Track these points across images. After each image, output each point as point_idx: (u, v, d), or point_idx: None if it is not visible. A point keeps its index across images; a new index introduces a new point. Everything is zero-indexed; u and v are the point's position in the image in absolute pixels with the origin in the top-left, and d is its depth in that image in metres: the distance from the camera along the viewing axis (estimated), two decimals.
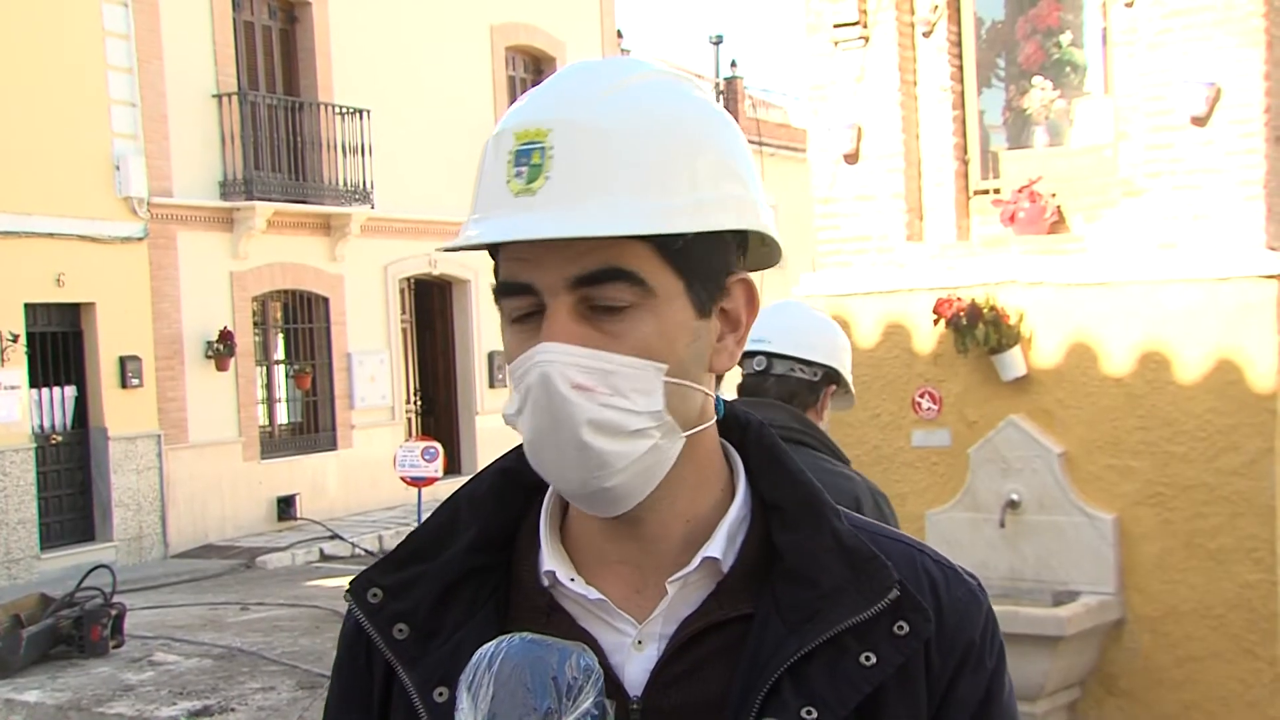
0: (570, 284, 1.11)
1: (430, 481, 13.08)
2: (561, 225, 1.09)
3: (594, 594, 1.19)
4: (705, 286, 1.17)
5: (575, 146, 1.11)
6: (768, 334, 3.23)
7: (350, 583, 1.27)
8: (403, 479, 13.24)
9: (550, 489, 1.26)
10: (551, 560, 1.22)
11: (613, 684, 1.16)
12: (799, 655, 1.15)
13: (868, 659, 1.17)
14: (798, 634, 1.16)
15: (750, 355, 3.25)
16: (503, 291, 1.15)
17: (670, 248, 1.13)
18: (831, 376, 3.24)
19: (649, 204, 1.11)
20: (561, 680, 1.08)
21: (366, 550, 15.61)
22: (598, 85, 1.15)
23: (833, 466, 3.12)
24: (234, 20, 16.63)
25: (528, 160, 1.12)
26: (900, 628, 1.18)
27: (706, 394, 1.20)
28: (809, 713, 1.14)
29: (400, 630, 1.22)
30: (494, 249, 1.17)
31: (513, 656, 1.09)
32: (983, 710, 1.24)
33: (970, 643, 1.23)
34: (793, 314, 3.34)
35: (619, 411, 1.11)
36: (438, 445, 13.23)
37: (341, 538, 15.99)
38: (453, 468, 17.69)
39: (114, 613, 9.98)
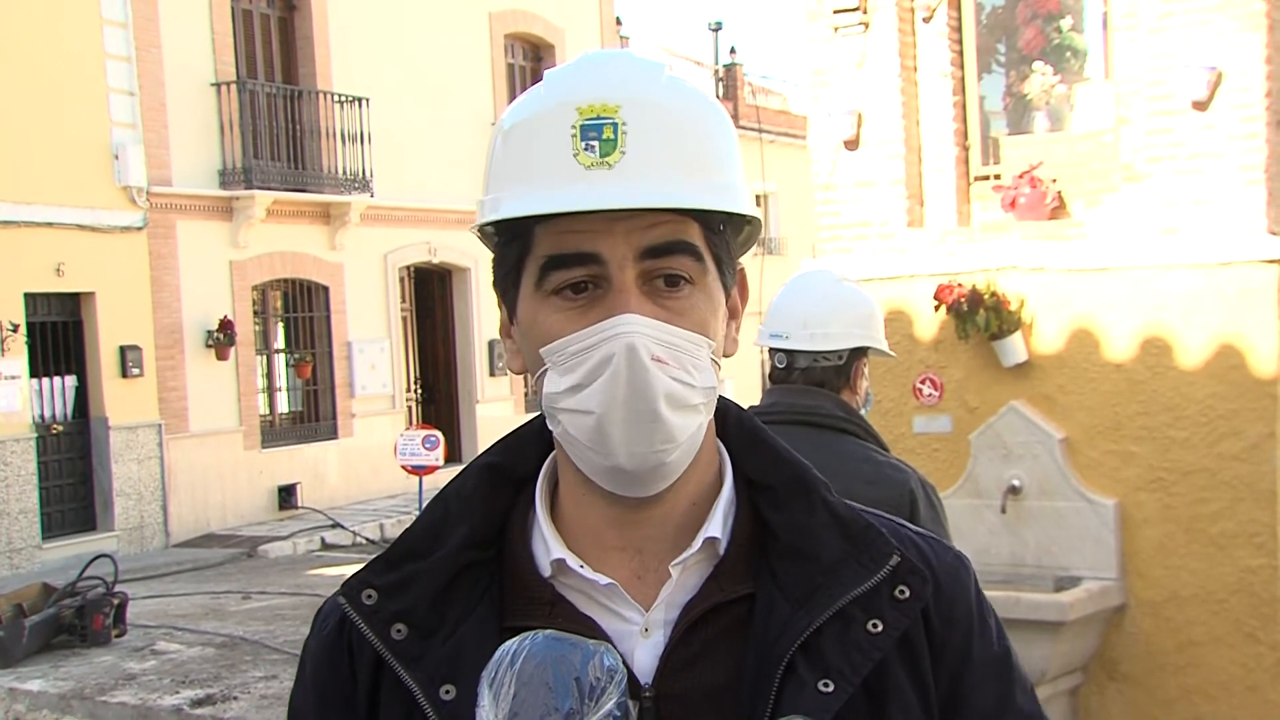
0: (640, 255, 1.13)
1: (431, 470, 13.09)
2: (649, 196, 1.12)
3: (604, 579, 1.19)
4: (728, 271, 1.21)
5: (647, 123, 1.14)
6: (784, 328, 3.17)
7: (343, 585, 1.26)
8: (403, 467, 13.25)
9: (540, 480, 1.27)
10: (557, 548, 1.22)
11: None
12: (810, 631, 1.16)
13: (874, 626, 1.19)
14: (805, 610, 1.18)
15: (771, 351, 3.21)
16: (559, 263, 1.15)
17: (715, 229, 1.17)
18: (858, 351, 3.20)
19: (715, 183, 1.16)
20: (584, 680, 1.07)
21: (368, 539, 15.63)
22: (649, 70, 1.18)
23: (882, 457, 3.10)
24: (232, 8, 16.60)
25: (598, 135, 1.13)
26: (901, 592, 1.20)
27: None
28: (825, 685, 1.15)
29: (399, 630, 1.22)
30: (529, 224, 1.16)
31: (535, 655, 1.09)
32: (1003, 667, 1.28)
33: (968, 606, 1.26)
34: (806, 301, 3.22)
35: (684, 386, 1.14)
36: (438, 434, 13.23)
37: (343, 526, 16.02)
38: (453, 456, 17.69)
39: (116, 602, 10.00)
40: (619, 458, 1.14)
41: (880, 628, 1.18)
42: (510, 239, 1.19)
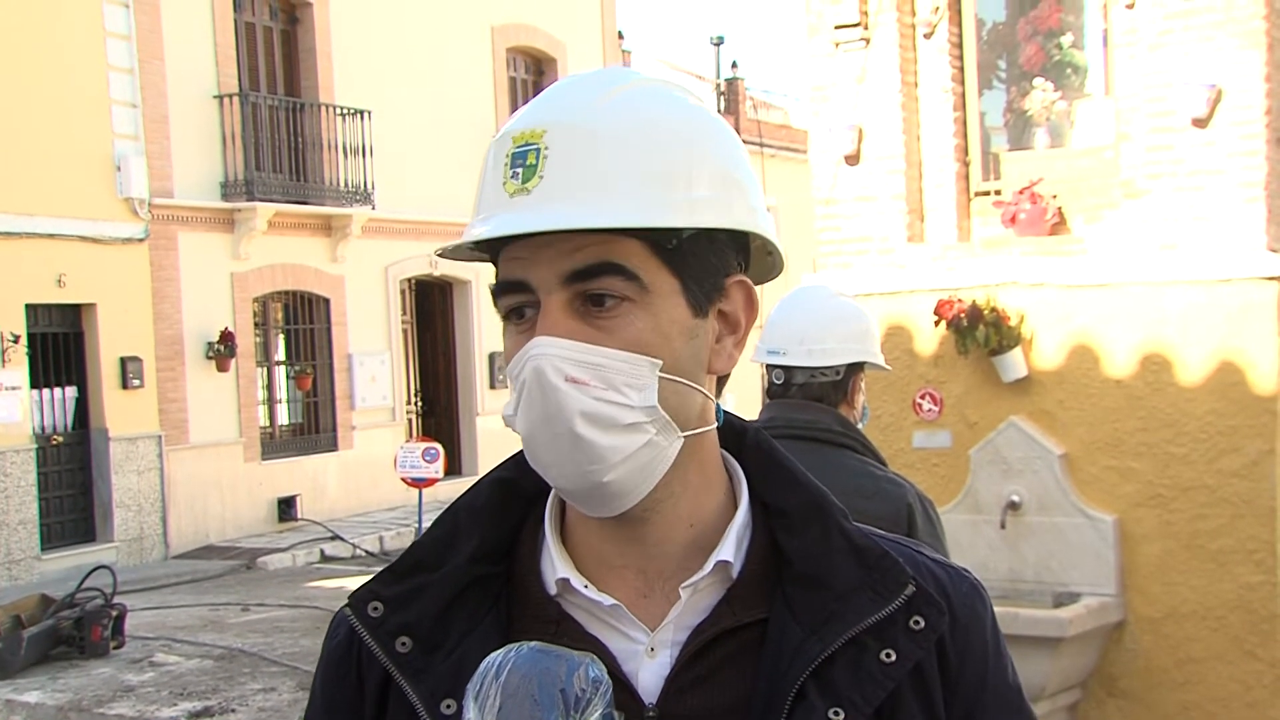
0: (564, 279, 1.12)
1: (431, 482, 13.09)
2: (552, 219, 1.11)
3: (608, 600, 1.18)
4: (701, 286, 1.17)
5: (569, 146, 1.13)
6: (781, 344, 3.18)
7: (350, 596, 1.26)
8: (403, 480, 13.24)
9: (550, 496, 1.26)
10: (562, 567, 1.21)
11: (627, 692, 1.15)
12: (822, 658, 1.16)
13: (888, 656, 1.18)
14: (818, 636, 1.17)
15: (769, 367, 3.22)
16: (499, 290, 1.17)
17: (664, 246, 1.14)
18: (855, 366, 3.20)
19: (641, 200, 1.12)
20: (570, 692, 1.07)
21: (367, 551, 15.61)
22: (593, 92, 1.17)
23: (879, 471, 3.10)
24: (235, 21, 16.64)
25: (523, 161, 1.13)
26: (916, 622, 1.19)
27: (706, 396, 1.20)
28: (835, 714, 1.15)
29: (403, 643, 1.21)
30: (494, 251, 1.18)
31: (520, 667, 1.08)
32: (1017, 703, 1.27)
33: (984, 638, 1.25)
34: (804, 317, 3.23)
35: (612, 405, 1.11)
36: (438, 446, 13.22)
37: (342, 539, 16.00)
38: (453, 469, 17.69)
39: (115, 613, 9.99)
40: (552, 478, 1.16)
41: (894, 658, 1.17)
42: (491, 262, 1.21)
